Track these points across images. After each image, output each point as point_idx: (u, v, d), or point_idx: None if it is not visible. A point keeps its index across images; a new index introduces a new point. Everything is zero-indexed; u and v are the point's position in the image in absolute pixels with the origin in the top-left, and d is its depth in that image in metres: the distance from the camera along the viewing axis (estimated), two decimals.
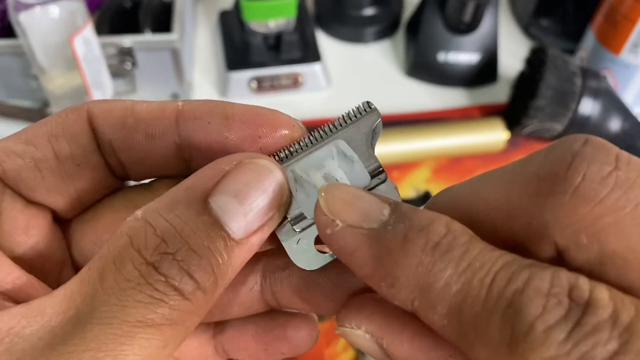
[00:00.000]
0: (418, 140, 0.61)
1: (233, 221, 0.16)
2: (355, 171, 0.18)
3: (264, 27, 0.65)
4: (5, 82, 0.62)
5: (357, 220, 0.16)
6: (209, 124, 0.18)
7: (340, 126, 0.19)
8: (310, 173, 0.18)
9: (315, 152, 0.19)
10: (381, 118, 0.19)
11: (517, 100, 0.62)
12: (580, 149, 0.14)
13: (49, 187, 0.18)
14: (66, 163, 0.18)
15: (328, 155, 0.18)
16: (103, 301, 0.15)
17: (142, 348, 0.15)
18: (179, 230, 0.15)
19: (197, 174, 0.17)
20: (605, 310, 0.12)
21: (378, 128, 0.19)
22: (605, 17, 0.62)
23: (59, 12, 0.51)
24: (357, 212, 0.16)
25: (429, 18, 0.67)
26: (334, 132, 0.19)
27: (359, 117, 0.19)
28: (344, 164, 0.18)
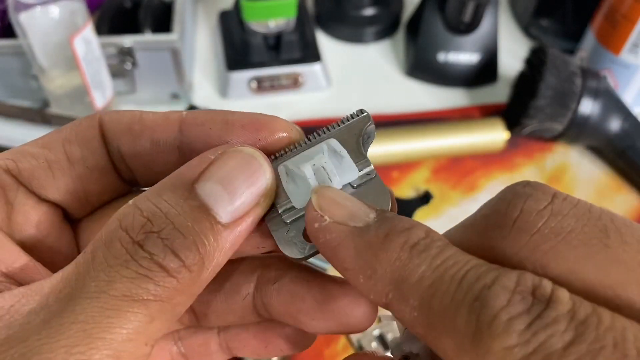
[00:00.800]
0: (418, 140, 0.61)
1: (219, 206, 0.17)
2: (344, 166, 0.19)
3: (264, 27, 0.65)
4: (6, 82, 0.62)
5: (344, 218, 0.17)
6: (210, 129, 0.20)
7: (334, 128, 0.20)
8: (300, 166, 0.19)
9: (307, 150, 0.20)
10: (373, 122, 0.20)
11: (517, 100, 0.62)
12: (520, 190, 0.16)
13: (60, 186, 0.20)
14: (77, 165, 0.20)
15: (319, 152, 0.20)
16: (92, 277, 0.16)
17: (128, 321, 0.15)
18: (165, 212, 0.16)
19: (186, 164, 0.18)
20: (565, 306, 0.13)
21: (370, 131, 0.20)
22: (605, 17, 0.62)
23: (59, 12, 0.51)
24: (345, 211, 0.17)
25: (429, 18, 0.67)
26: (327, 133, 0.20)
27: (351, 120, 0.20)
28: (334, 159, 0.20)
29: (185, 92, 0.65)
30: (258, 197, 0.18)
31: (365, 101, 0.68)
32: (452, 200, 0.60)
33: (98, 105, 0.58)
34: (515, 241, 0.15)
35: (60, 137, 0.20)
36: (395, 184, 0.61)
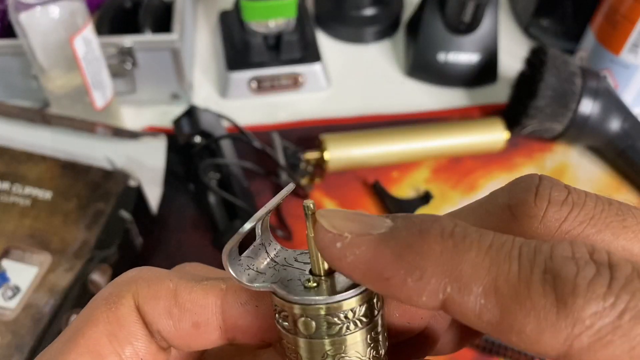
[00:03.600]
0: (418, 140, 0.61)
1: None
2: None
3: (264, 27, 0.65)
4: (6, 82, 0.63)
5: (364, 229, 0.16)
6: (257, 307, 0.19)
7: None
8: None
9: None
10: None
11: (517, 101, 0.62)
12: (540, 182, 0.17)
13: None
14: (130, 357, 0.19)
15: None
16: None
17: None
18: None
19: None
20: (627, 266, 0.13)
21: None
22: (605, 17, 0.62)
23: (59, 12, 0.51)
24: (361, 224, 0.16)
25: (429, 18, 0.67)
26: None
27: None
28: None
29: (186, 92, 0.65)
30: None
31: (365, 101, 0.68)
32: (452, 200, 0.60)
33: (98, 105, 0.58)
34: (546, 229, 0.16)
35: (103, 332, 0.19)
36: (395, 184, 0.61)
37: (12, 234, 0.47)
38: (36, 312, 0.43)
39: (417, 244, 0.15)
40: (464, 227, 0.15)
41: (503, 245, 0.14)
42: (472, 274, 0.14)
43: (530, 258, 0.14)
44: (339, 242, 0.16)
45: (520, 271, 0.14)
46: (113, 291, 0.19)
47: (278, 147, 0.58)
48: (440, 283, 0.15)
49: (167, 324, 0.19)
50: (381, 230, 0.16)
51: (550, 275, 0.13)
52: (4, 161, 0.51)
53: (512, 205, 0.17)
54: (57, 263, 0.46)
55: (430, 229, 0.15)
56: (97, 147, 0.54)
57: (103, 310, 0.19)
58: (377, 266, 0.15)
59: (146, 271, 0.20)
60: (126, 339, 0.19)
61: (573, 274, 0.13)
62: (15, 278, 0.45)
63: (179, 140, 0.58)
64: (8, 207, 0.48)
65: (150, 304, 0.19)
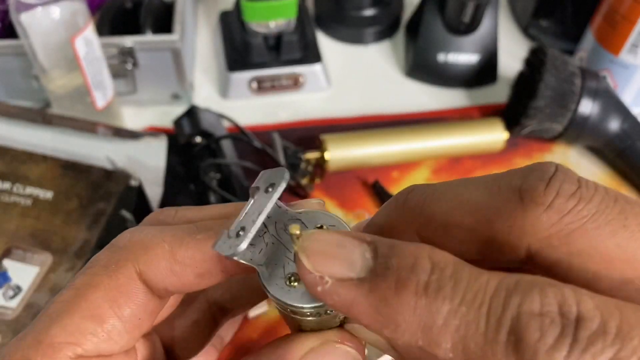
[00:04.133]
0: (418, 140, 0.61)
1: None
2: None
3: (264, 28, 0.65)
4: (7, 82, 0.63)
5: (344, 271, 0.16)
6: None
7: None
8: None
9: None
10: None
11: (517, 101, 0.63)
12: (555, 173, 0.17)
13: (122, 344, 0.20)
14: (130, 322, 0.20)
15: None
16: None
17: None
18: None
19: (286, 345, 0.20)
20: (594, 322, 0.14)
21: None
22: (604, 17, 0.62)
23: (60, 12, 0.51)
24: (341, 262, 0.17)
25: (428, 19, 0.67)
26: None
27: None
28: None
29: (186, 92, 0.65)
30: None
31: (365, 101, 0.68)
32: None
33: (99, 105, 0.58)
34: (549, 218, 0.17)
35: (103, 298, 0.20)
36: (395, 184, 0.61)
37: (13, 234, 0.47)
38: (37, 312, 0.44)
39: (392, 300, 0.16)
40: (439, 275, 0.15)
41: (474, 300, 0.15)
42: (442, 331, 0.15)
43: (497, 315, 0.14)
44: (320, 286, 0.17)
45: (486, 331, 0.14)
46: (111, 258, 0.20)
47: (278, 147, 0.59)
48: (412, 337, 0.15)
49: (172, 281, 0.20)
50: (360, 273, 0.16)
51: (514, 337, 0.14)
52: (5, 161, 0.51)
53: (522, 189, 0.17)
54: (58, 263, 0.46)
55: (406, 281, 0.16)
56: (98, 147, 0.54)
57: (103, 277, 0.20)
58: (356, 314, 0.16)
59: (138, 234, 0.21)
60: (125, 303, 0.20)
61: (535, 339, 0.14)
62: (17, 278, 0.45)
63: (180, 140, 0.58)
64: (9, 207, 0.48)
65: (152, 269, 0.20)
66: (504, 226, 0.17)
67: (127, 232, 0.21)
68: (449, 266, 0.16)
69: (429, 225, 0.19)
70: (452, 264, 0.16)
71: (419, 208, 0.19)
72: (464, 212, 0.18)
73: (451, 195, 0.19)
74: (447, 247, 0.18)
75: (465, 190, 0.18)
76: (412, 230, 0.19)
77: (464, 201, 0.18)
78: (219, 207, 0.23)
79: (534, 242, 0.17)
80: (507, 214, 0.17)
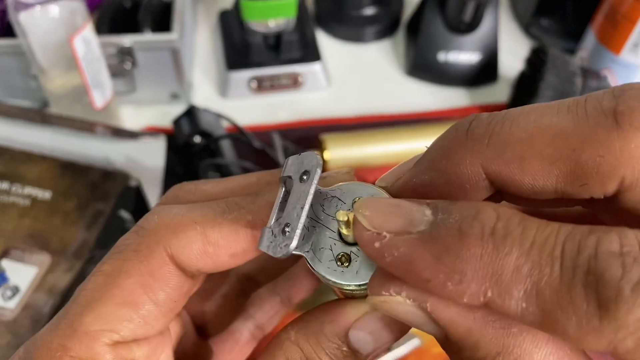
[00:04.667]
0: (418, 140, 0.61)
1: (365, 350, 0.19)
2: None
3: (263, 27, 0.65)
4: (5, 82, 0.62)
5: (403, 227, 0.15)
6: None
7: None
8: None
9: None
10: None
11: (517, 100, 0.62)
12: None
13: (158, 327, 0.20)
14: (165, 306, 0.20)
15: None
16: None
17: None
18: (320, 355, 0.19)
19: (338, 311, 0.19)
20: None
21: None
22: (605, 16, 0.62)
23: (59, 11, 0.51)
24: (400, 219, 0.16)
25: (429, 18, 0.67)
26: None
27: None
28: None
29: (185, 91, 0.65)
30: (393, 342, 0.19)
31: (365, 101, 0.68)
32: None
33: (98, 105, 0.58)
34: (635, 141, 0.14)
35: (136, 283, 0.19)
36: None
37: (11, 234, 0.47)
38: (35, 313, 0.43)
39: (456, 247, 0.14)
40: (506, 222, 0.14)
41: (545, 243, 0.14)
42: (512, 277, 0.14)
43: (573, 257, 0.13)
44: (378, 242, 0.16)
45: (562, 274, 0.13)
46: (142, 243, 0.20)
47: (278, 147, 0.58)
48: (480, 287, 0.14)
49: (205, 262, 0.20)
50: (420, 227, 0.15)
51: (593, 277, 0.13)
52: (4, 161, 0.51)
53: (618, 111, 0.15)
54: (57, 263, 0.46)
55: (470, 229, 0.14)
56: (96, 147, 0.54)
57: (135, 263, 0.20)
58: (416, 268, 0.15)
59: (166, 215, 0.20)
60: (160, 287, 0.20)
61: (617, 278, 0.13)
62: (15, 278, 0.45)
63: (179, 140, 0.58)
64: (7, 207, 0.48)
65: (185, 252, 0.20)
66: (593, 155, 0.15)
67: (154, 213, 0.21)
68: (515, 216, 0.14)
69: (499, 158, 0.16)
70: (519, 216, 0.14)
71: (487, 137, 0.16)
72: (544, 140, 0.15)
73: (526, 122, 0.16)
74: (520, 183, 0.16)
75: (543, 116, 0.16)
76: (477, 164, 0.16)
77: (543, 128, 0.16)
78: (239, 178, 0.23)
79: (629, 175, 0.15)
80: (599, 141, 0.15)
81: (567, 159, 0.15)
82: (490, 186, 0.17)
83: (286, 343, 0.19)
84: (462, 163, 0.17)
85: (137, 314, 0.19)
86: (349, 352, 0.19)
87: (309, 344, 0.19)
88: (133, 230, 0.20)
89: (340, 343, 0.19)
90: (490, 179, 0.17)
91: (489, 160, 0.16)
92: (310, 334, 0.19)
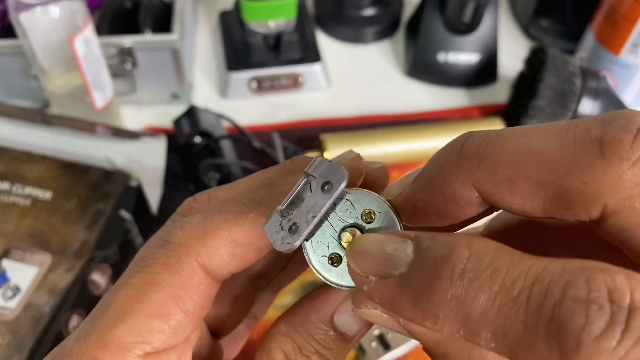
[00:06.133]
0: (418, 140, 0.61)
1: (351, 330, 0.21)
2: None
3: (264, 28, 0.65)
4: (6, 82, 0.63)
5: (386, 269, 0.17)
6: None
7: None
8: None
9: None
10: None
11: (517, 101, 0.62)
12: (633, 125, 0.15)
13: (186, 335, 0.21)
14: (194, 314, 0.21)
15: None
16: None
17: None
18: (312, 343, 0.21)
19: (323, 297, 0.21)
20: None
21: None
22: (605, 17, 0.62)
23: (60, 12, 0.51)
24: (385, 261, 0.17)
25: (429, 18, 0.67)
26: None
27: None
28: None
29: (185, 92, 0.65)
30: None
31: (365, 101, 0.68)
32: None
33: (98, 105, 0.58)
34: (634, 176, 0.15)
35: (168, 296, 0.20)
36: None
37: (12, 234, 0.47)
38: (36, 312, 0.43)
39: (428, 291, 0.15)
40: (476, 264, 0.15)
41: (513, 287, 0.14)
42: (480, 321, 0.14)
43: (538, 303, 0.13)
44: (366, 285, 0.17)
45: (526, 319, 0.13)
46: (171, 256, 0.20)
47: (278, 147, 0.58)
48: (452, 328, 0.15)
49: (235, 264, 0.21)
50: (401, 269, 0.16)
51: (556, 325, 0.13)
52: (4, 161, 0.51)
53: (604, 140, 0.15)
54: (57, 263, 0.46)
55: (441, 271, 0.15)
56: (97, 147, 0.54)
57: (166, 276, 0.20)
58: (398, 309, 0.16)
59: (190, 227, 0.21)
60: (189, 297, 0.20)
61: (579, 328, 0.12)
62: (15, 278, 0.45)
63: (179, 141, 0.58)
64: (8, 207, 0.48)
65: (215, 259, 0.20)
66: (577, 182, 0.15)
67: (176, 226, 0.21)
68: (488, 253, 0.15)
69: (489, 178, 0.17)
70: (493, 251, 0.15)
71: (478, 158, 0.17)
72: (532, 163, 0.16)
73: (516, 145, 0.16)
74: (510, 202, 0.17)
75: (532, 139, 0.16)
76: (468, 183, 0.17)
77: (532, 151, 0.16)
78: (248, 180, 0.23)
79: (612, 202, 0.15)
80: (583, 168, 0.15)
81: (553, 183, 0.16)
82: (483, 202, 0.18)
83: (278, 336, 0.21)
84: (455, 182, 0.18)
85: (168, 325, 0.20)
86: (336, 335, 0.21)
87: (299, 333, 0.21)
88: (158, 244, 0.21)
89: (327, 328, 0.21)
90: (482, 197, 0.17)
91: (480, 180, 0.17)
92: (299, 325, 0.21)
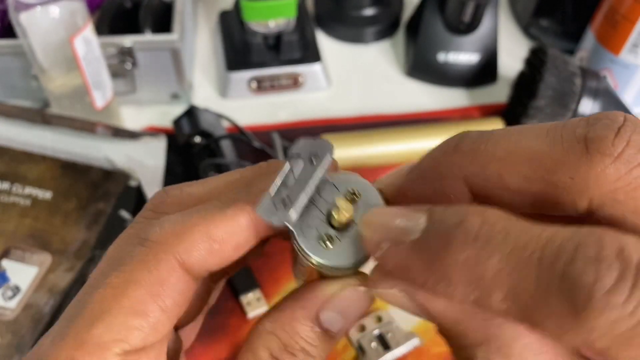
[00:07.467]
0: (418, 140, 0.61)
1: (336, 328, 0.21)
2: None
3: (264, 27, 0.65)
4: (6, 82, 0.62)
5: (398, 236, 0.17)
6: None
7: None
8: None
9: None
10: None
11: (517, 101, 0.62)
12: (625, 122, 0.16)
13: (164, 332, 0.21)
14: (172, 312, 0.21)
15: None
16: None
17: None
18: (301, 338, 0.21)
19: (308, 294, 0.21)
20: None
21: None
22: (605, 17, 0.62)
23: (60, 12, 0.51)
24: (397, 229, 0.17)
25: (429, 18, 0.67)
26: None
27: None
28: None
29: (185, 92, 0.65)
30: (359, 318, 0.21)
31: (365, 101, 0.68)
32: None
33: (98, 105, 0.58)
34: (616, 170, 0.16)
35: (147, 293, 0.20)
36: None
37: (12, 234, 0.47)
38: (36, 312, 0.43)
39: (442, 254, 0.16)
40: (490, 227, 0.15)
41: (525, 249, 0.14)
42: (493, 281, 0.15)
43: (550, 263, 0.14)
44: (378, 252, 0.18)
45: (538, 279, 0.14)
46: (149, 253, 0.20)
47: (278, 147, 0.58)
48: (466, 290, 0.15)
49: (213, 261, 0.21)
50: (414, 235, 0.17)
51: (568, 282, 0.13)
52: (4, 161, 0.51)
53: (588, 138, 0.16)
54: (57, 263, 0.46)
55: (455, 235, 0.16)
56: (97, 147, 0.54)
57: (144, 273, 0.20)
58: (411, 274, 0.17)
59: (168, 225, 0.21)
60: (168, 295, 0.20)
61: (590, 283, 0.13)
62: (15, 278, 0.45)
63: (179, 140, 0.58)
64: (8, 207, 0.48)
65: (193, 255, 0.20)
66: (564, 177, 0.16)
67: (154, 224, 0.21)
68: (500, 220, 0.15)
69: (481, 173, 0.18)
70: (505, 219, 0.15)
71: (472, 154, 0.18)
72: (521, 160, 0.17)
73: (507, 143, 0.18)
74: (500, 197, 0.17)
75: (522, 138, 0.17)
76: (461, 177, 0.18)
77: (521, 149, 0.17)
78: (223, 176, 0.23)
79: (597, 195, 0.16)
80: (569, 165, 0.16)
81: (541, 178, 0.17)
82: (472, 198, 0.18)
83: (263, 334, 0.21)
84: (448, 176, 0.19)
85: (147, 322, 0.20)
86: (322, 332, 0.21)
87: (285, 331, 0.20)
88: (135, 242, 0.21)
89: (313, 325, 0.21)
90: (473, 192, 0.18)
91: (472, 175, 0.18)
92: (285, 322, 0.21)
